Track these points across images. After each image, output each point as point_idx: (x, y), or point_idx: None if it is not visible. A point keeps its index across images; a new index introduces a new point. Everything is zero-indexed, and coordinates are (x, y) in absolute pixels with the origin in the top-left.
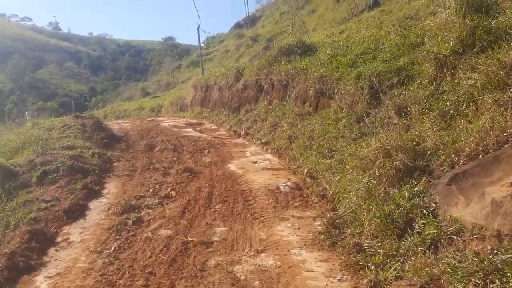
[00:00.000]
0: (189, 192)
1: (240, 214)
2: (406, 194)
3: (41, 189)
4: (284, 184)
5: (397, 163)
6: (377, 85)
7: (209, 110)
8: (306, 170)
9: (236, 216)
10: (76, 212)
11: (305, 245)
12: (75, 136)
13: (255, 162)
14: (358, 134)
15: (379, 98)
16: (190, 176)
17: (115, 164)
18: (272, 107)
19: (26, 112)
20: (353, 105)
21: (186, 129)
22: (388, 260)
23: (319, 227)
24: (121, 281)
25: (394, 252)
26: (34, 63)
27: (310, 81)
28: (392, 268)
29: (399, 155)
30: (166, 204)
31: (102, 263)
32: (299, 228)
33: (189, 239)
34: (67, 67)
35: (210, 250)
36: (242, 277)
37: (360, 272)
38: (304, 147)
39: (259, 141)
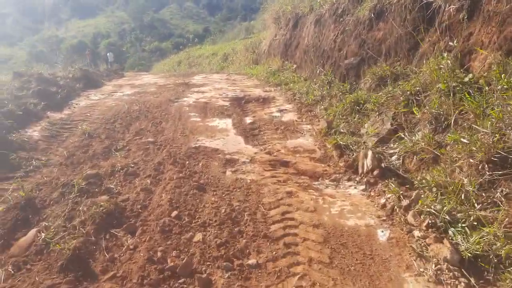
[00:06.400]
0: None
1: None
2: None
3: None
4: None
5: None
6: None
7: (294, 65)
8: None
9: None
10: None
11: None
12: None
13: None
14: None
15: None
16: None
17: None
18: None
19: (108, 54)
20: None
21: (218, 121)
22: None
23: None
24: None
25: None
26: (159, 2)
27: None
28: None
29: None
30: None
31: None
32: None
33: None
34: (187, 7)
35: None
36: None
37: None
38: None
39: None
